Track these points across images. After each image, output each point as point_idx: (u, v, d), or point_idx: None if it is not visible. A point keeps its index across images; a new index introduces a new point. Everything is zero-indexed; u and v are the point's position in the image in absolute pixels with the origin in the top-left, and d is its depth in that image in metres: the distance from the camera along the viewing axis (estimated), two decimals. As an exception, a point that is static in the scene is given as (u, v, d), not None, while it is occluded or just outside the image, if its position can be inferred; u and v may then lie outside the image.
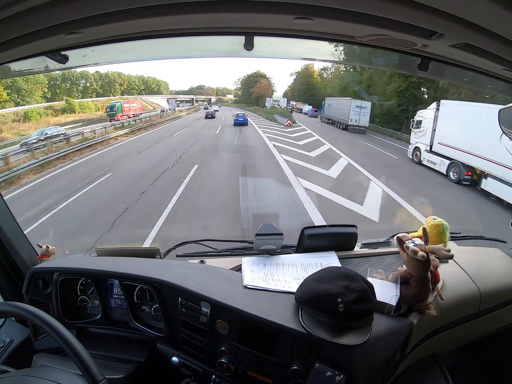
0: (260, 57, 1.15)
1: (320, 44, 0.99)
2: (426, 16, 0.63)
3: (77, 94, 33.64)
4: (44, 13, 0.63)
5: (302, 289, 1.03)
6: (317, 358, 0.97)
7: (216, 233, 5.16)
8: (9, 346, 1.28)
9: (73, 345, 0.78)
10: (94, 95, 35.64)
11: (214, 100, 54.53)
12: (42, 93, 29.26)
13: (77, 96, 33.48)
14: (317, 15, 0.71)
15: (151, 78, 45.25)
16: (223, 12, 0.73)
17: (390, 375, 1.14)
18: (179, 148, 13.04)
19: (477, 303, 1.30)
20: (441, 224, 1.28)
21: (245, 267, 1.27)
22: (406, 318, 1.07)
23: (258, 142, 14.96)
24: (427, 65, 0.99)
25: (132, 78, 41.91)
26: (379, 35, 0.80)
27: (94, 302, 1.36)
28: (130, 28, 0.80)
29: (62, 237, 5.40)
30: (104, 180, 8.88)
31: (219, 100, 54.48)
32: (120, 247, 1.45)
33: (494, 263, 1.50)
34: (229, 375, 1.10)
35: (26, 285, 1.31)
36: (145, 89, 44.25)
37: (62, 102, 29.58)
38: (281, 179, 8.60)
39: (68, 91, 32.97)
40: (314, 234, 1.37)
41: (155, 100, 42.34)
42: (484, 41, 0.72)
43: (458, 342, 1.43)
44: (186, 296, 1.14)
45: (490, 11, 0.58)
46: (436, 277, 1.18)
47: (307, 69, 39.55)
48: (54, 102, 29.34)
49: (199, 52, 1.17)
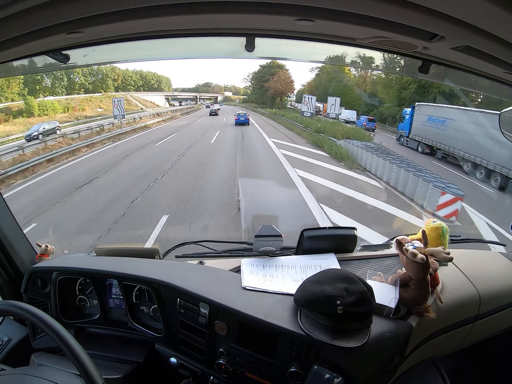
0: (261, 58, 1.16)
1: (321, 46, 0.99)
2: (427, 18, 0.63)
3: (60, 91, 29.16)
4: (45, 12, 0.63)
5: (301, 291, 1.02)
6: (315, 360, 0.97)
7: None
8: (7, 344, 1.28)
9: (72, 346, 0.78)
10: (82, 92, 31.48)
11: (220, 98, 50.78)
12: (18, 89, 24.56)
13: (61, 93, 29.08)
14: (318, 17, 0.71)
15: (151, 74, 41.63)
16: (224, 13, 0.73)
17: (389, 378, 1.14)
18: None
19: (476, 306, 1.30)
20: (441, 227, 1.27)
21: (244, 268, 1.27)
22: (405, 321, 1.07)
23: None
24: (428, 67, 0.99)
25: (128, 73, 37.76)
26: (380, 37, 0.80)
27: (93, 302, 1.35)
28: (132, 28, 0.81)
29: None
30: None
31: (226, 99, 50.39)
32: (119, 247, 1.45)
33: (493, 266, 1.50)
34: (227, 377, 1.10)
35: (25, 284, 1.31)
36: (143, 85, 40.44)
37: (20, 103, 23.75)
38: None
39: (51, 88, 28.46)
40: (313, 236, 1.37)
41: (151, 98, 38.64)
42: (485, 44, 0.72)
43: (457, 345, 1.42)
44: (185, 297, 1.14)
45: (491, 14, 0.58)
46: (436, 280, 1.18)
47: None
48: (14, 102, 23.61)
49: (200, 53, 1.17)
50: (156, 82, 42.31)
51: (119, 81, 36.85)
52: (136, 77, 39.46)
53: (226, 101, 50.28)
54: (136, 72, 39.28)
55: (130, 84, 38.54)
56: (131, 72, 38.26)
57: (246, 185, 7.82)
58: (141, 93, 38.91)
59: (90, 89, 32.78)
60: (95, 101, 30.61)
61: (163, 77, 43.81)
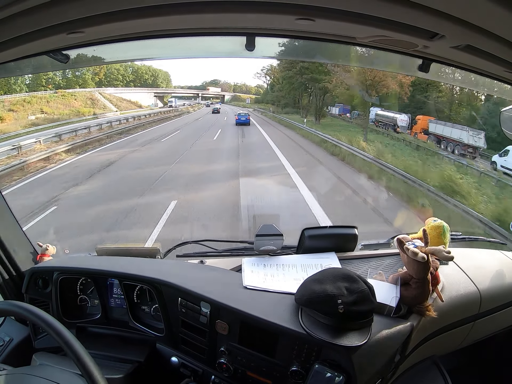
0: (261, 57, 1.16)
1: (321, 45, 0.99)
2: (428, 17, 0.63)
3: (18, 88, 22.78)
4: (45, 12, 0.63)
5: (302, 290, 1.02)
6: (316, 359, 0.97)
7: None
8: (8, 344, 1.28)
9: (73, 346, 0.78)
10: (50, 88, 25.16)
11: (228, 97, 44.71)
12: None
13: (20, 89, 22.95)
14: (319, 16, 0.71)
15: (145, 67, 35.39)
16: (224, 12, 0.73)
17: (390, 377, 1.14)
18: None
19: (477, 305, 1.30)
20: (441, 225, 1.27)
21: (245, 267, 1.27)
22: (406, 320, 1.07)
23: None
24: (428, 66, 0.99)
25: (114, 65, 31.30)
26: (381, 36, 0.80)
27: (94, 301, 1.36)
28: (132, 28, 0.81)
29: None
30: None
31: (234, 98, 44.41)
32: (120, 247, 1.45)
33: (494, 265, 1.50)
34: (228, 376, 1.10)
35: (26, 284, 1.31)
36: (134, 80, 33.80)
37: None
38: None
39: (5, 84, 22.48)
40: (314, 235, 1.37)
41: (134, 96, 30.32)
42: (486, 43, 0.72)
43: (458, 344, 1.42)
44: (186, 296, 1.14)
45: (491, 13, 0.58)
46: (436, 279, 1.18)
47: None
48: None
49: (201, 52, 1.17)
50: (150, 77, 35.94)
51: (101, 75, 30.94)
52: (124, 71, 33.27)
53: (235, 101, 44.21)
54: (126, 65, 32.99)
55: (117, 79, 32.34)
56: (118, 64, 31.67)
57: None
58: (122, 89, 31.37)
59: (62, 85, 26.21)
60: (39, 103, 21.92)
61: (161, 72, 37.12)
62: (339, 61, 1.25)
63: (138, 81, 34.54)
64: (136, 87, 33.69)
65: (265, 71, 35.50)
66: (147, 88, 35.04)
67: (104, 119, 20.40)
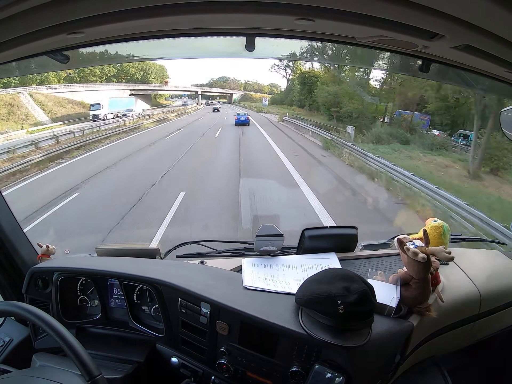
0: (261, 58, 1.16)
1: (321, 45, 0.99)
2: (427, 17, 0.63)
3: None
4: (45, 13, 0.63)
5: (302, 291, 1.02)
6: (316, 359, 0.97)
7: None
8: (8, 345, 1.28)
9: (71, 343, 0.79)
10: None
11: (237, 96, 38.42)
12: None
13: None
14: (319, 16, 0.70)
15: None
16: (224, 12, 0.73)
17: (390, 377, 1.14)
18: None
19: (477, 305, 1.30)
20: (442, 226, 1.27)
21: (245, 268, 1.27)
22: (406, 320, 1.07)
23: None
24: (428, 66, 0.99)
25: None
26: (380, 37, 0.80)
27: (94, 302, 1.36)
28: (132, 28, 0.80)
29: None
30: None
31: (245, 97, 37.68)
32: (121, 247, 1.45)
33: (494, 265, 1.50)
34: (228, 376, 1.10)
35: (26, 284, 1.31)
36: (117, 75, 26.17)
37: None
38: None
39: None
40: (314, 235, 1.37)
41: (97, 96, 20.87)
42: (486, 43, 0.72)
43: (458, 344, 1.42)
44: (186, 296, 1.14)
45: (491, 13, 0.58)
46: (437, 279, 1.18)
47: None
48: None
49: (201, 52, 1.17)
50: (139, 72, 27.99)
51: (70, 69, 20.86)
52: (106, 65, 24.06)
53: (245, 101, 36.57)
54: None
55: (94, 74, 24.50)
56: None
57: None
58: (80, 86, 23.14)
59: (7, 83, 19.08)
60: None
61: (154, 65, 28.56)
62: (339, 61, 1.25)
63: (123, 76, 27.49)
64: (118, 83, 26.56)
65: (285, 62, 26.85)
66: (120, 84, 27.00)
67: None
